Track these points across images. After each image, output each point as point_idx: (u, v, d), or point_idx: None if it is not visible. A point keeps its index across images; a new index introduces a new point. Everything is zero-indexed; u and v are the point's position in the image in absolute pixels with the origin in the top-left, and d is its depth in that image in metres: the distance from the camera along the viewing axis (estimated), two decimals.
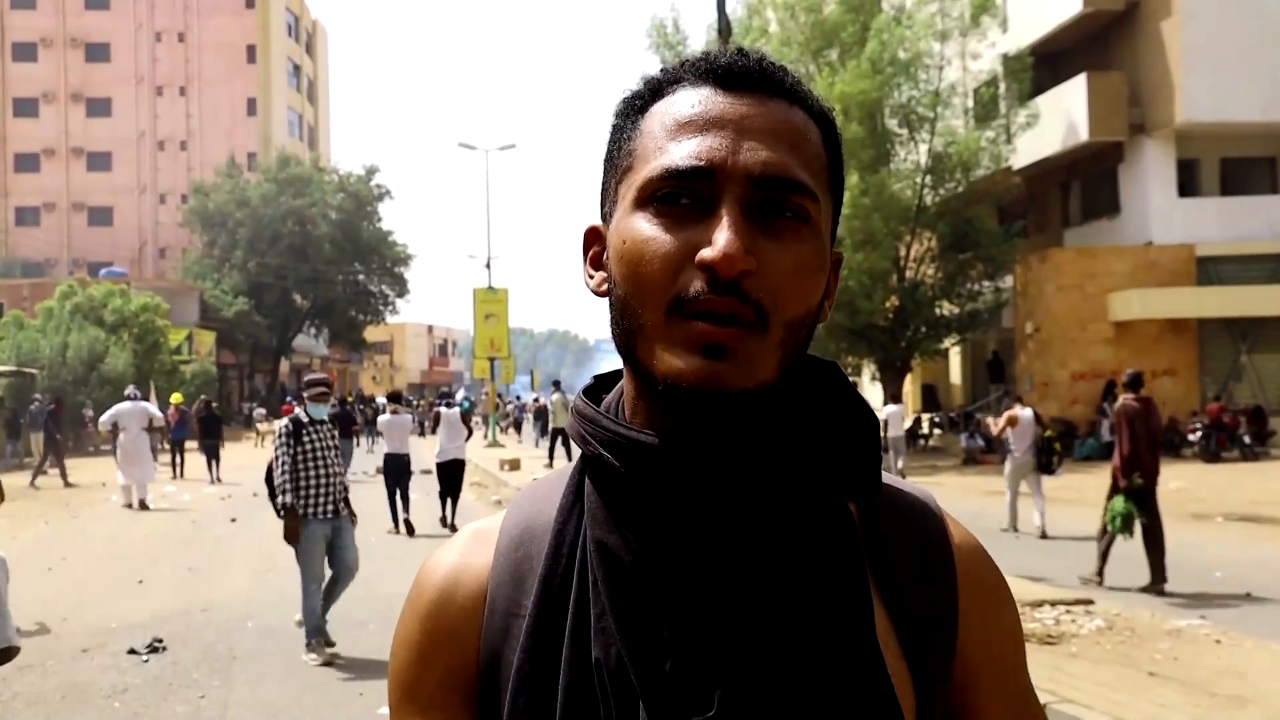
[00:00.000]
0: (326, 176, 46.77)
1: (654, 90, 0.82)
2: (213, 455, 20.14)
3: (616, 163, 0.82)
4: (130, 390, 17.95)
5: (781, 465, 0.77)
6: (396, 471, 12.83)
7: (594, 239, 0.86)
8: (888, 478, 0.87)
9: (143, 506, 15.69)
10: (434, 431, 14.37)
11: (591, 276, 0.85)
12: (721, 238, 0.73)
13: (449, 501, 13.02)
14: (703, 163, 0.75)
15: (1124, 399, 8.75)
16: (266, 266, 43.13)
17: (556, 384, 23.21)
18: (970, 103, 23.37)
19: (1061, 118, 22.52)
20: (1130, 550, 8.84)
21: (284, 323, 45.68)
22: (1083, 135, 22.12)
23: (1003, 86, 22.64)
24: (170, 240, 51.48)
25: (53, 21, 52.59)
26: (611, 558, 0.78)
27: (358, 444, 23.50)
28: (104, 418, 17.08)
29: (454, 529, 13.62)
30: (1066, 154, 23.23)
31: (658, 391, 0.76)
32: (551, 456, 21.15)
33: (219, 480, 19.71)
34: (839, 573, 0.78)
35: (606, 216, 0.83)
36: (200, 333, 38.39)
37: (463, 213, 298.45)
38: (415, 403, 41.81)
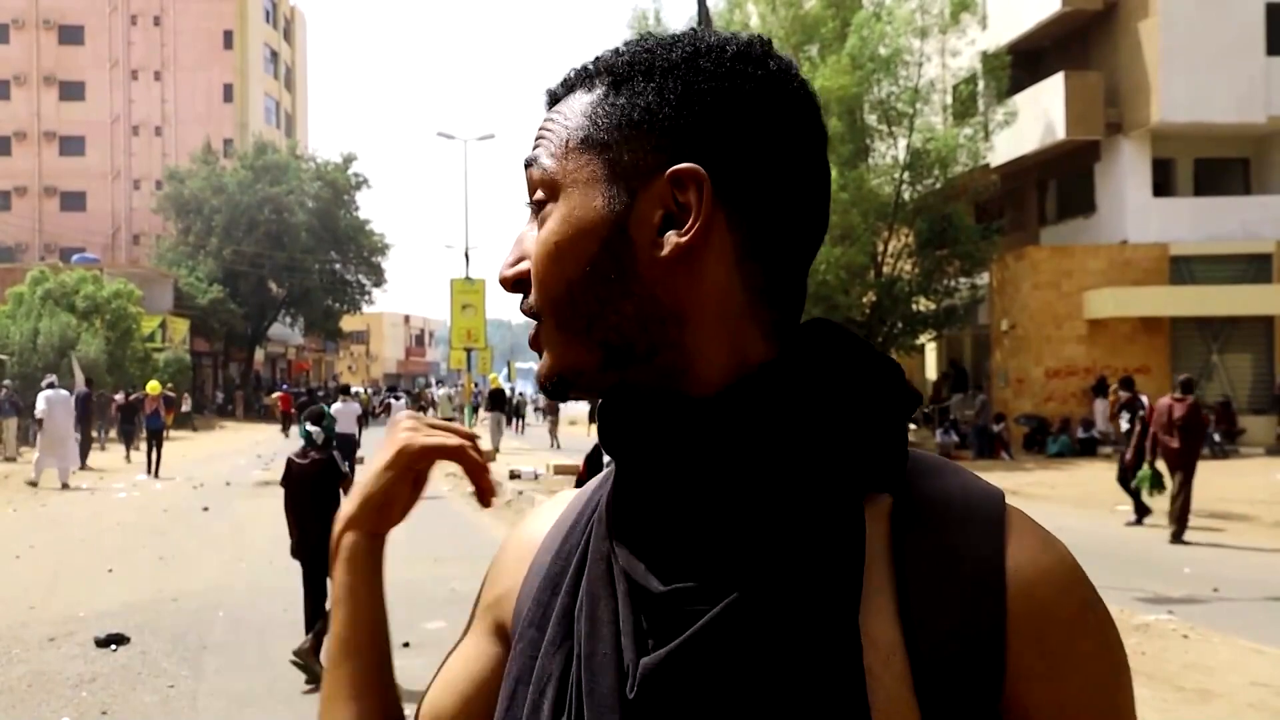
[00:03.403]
0: (303, 164, 46.31)
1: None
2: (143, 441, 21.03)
3: None
4: (52, 379, 18.57)
5: (740, 458, 0.69)
6: (344, 448, 14.95)
7: None
8: (953, 474, 0.74)
9: (64, 486, 16.64)
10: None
11: None
12: None
13: None
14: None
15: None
16: (242, 254, 42.72)
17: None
18: (949, 100, 23.45)
19: (1039, 116, 22.64)
20: (1105, 549, 8.90)
21: (259, 311, 45.27)
22: (1060, 134, 22.25)
23: (981, 84, 22.71)
24: (144, 226, 50.85)
25: (25, 2, 51.77)
26: (595, 562, 0.76)
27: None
28: (38, 404, 17.65)
29: None
30: (1043, 152, 23.36)
31: None
32: None
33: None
34: (817, 576, 0.67)
35: None
36: (174, 320, 37.95)
37: (441, 202, 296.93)
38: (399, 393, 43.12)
